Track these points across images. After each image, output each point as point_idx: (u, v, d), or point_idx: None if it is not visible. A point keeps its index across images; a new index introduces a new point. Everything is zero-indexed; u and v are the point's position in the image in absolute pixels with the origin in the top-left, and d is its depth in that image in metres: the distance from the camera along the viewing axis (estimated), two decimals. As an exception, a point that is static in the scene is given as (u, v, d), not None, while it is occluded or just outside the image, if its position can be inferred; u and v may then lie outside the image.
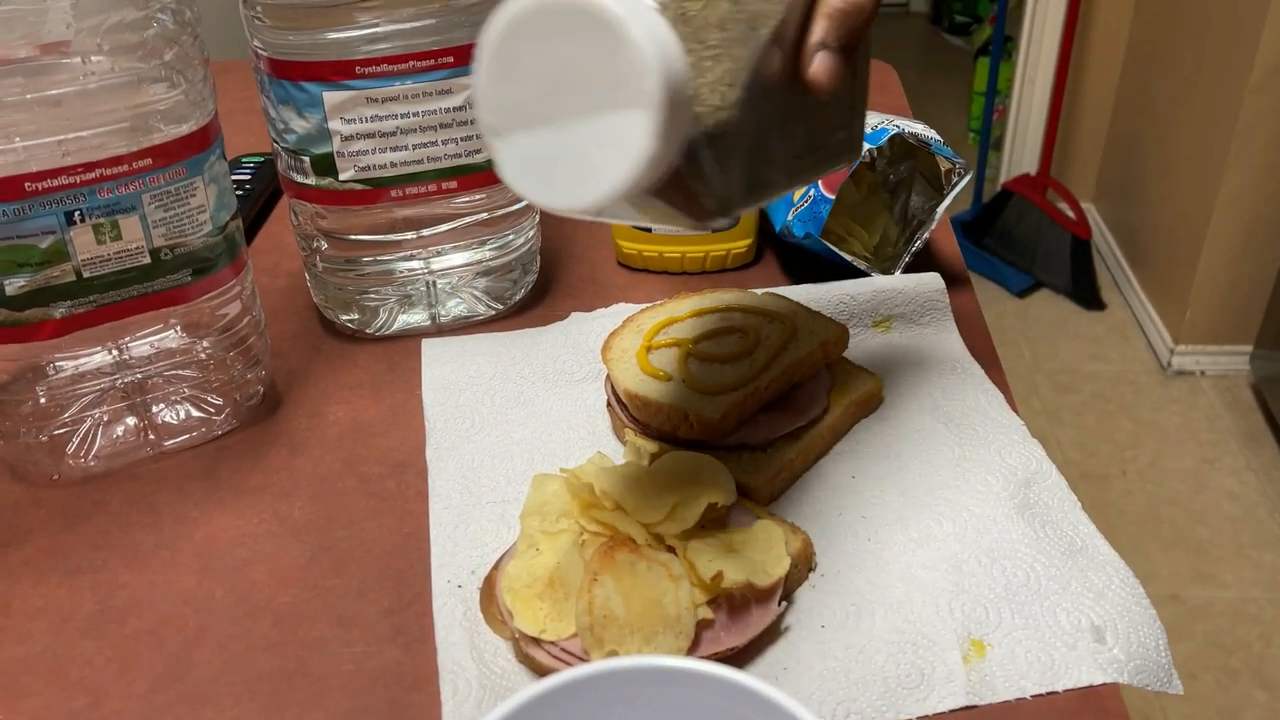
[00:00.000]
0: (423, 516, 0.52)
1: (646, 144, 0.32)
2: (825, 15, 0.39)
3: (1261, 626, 1.54)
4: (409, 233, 0.62)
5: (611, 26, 0.31)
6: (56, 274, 0.50)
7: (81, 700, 0.43)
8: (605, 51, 0.31)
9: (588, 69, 0.32)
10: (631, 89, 0.31)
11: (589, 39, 0.31)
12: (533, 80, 0.33)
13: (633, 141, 0.32)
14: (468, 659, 0.43)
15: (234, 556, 0.50)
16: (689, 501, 0.45)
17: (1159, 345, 2.10)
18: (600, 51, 0.31)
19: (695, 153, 0.35)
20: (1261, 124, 1.82)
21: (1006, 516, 0.49)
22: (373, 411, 0.59)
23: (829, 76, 0.39)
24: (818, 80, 0.39)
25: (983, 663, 0.42)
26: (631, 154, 0.32)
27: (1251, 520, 1.72)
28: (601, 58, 0.32)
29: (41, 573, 0.50)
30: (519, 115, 0.34)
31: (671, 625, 0.41)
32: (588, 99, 0.32)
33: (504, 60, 0.33)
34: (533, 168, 0.34)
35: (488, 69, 0.34)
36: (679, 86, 0.32)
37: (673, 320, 0.57)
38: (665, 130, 0.32)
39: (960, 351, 0.61)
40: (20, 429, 0.53)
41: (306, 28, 0.54)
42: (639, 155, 0.32)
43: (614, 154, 0.32)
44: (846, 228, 0.70)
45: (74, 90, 0.47)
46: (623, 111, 0.32)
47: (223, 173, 0.54)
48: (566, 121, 0.33)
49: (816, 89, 0.39)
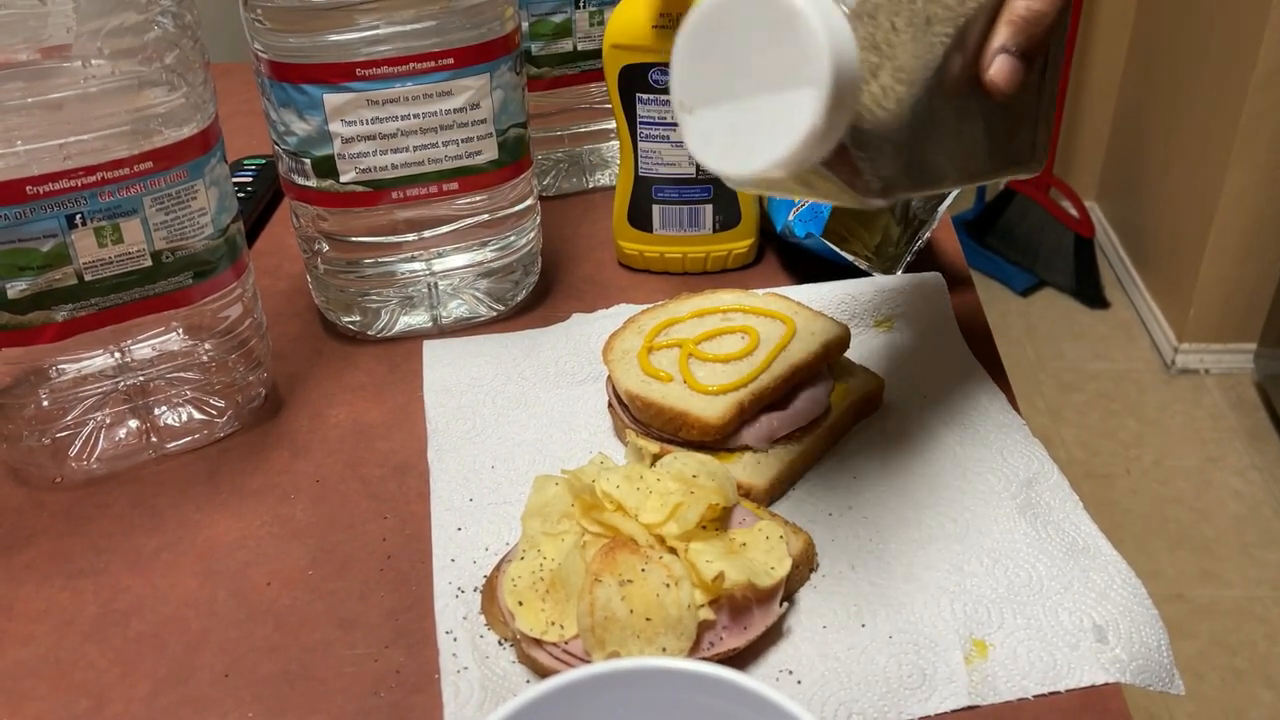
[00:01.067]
0: (424, 518, 0.52)
1: (813, 119, 0.35)
2: (1008, 22, 0.42)
3: (1267, 626, 1.53)
4: (410, 234, 0.62)
5: (792, 13, 0.35)
6: (58, 277, 0.50)
7: (84, 704, 0.43)
8: (785, 36, 0.35)
9: (769, 52, 0.35)
10: (805, 69, 0.35)
11: (772, 25, 0.35)
12: (720, 62, 0.37)
13: (801, 116, 0.35)
14: (470, 660, 0.44)
15: (236, 559, 0.50)
16: (690, 503, 0.45)
17: (1163, 344, 2.09)
18: (780, 36, 0.35)
19: (862, 137, 0.38)
20: (1265, 122, 1.82)
21: (1008, 516, 0.49)
22: (374, 413, 0.59)
23: (1006, 80, 0.42)
24: (996, 83, 0.42)
25: (985, 663, 0.42)
26: (799, 127, 0.35)
27: (1256, 519, 1.72)
28: (781, 41, 0.35)
29: (44, 576, 0.50)
30: (705, 93, 0.37)
31: (673, 626, 0.41)
32: (766, 78, 0.36)
33: (697, 44, 0.37)
34: (713, 139, 0.38)
35: (682, 52, 0.38)
36: (848, 69, 0.35)
37: (674, 321, 0.57)
38: (831, 108, 0.35)
39: (962, 351, 0.61)
40: (22, 432, 0.53)
41: (307, 30, 0.54)
42: (805, 129, 0.35)
43: (783, 127, 0.35)
44: (848, 227, 0.70)
45: (75, 94, 0.47)
46: (795, 89, 0.35)
47: (224, 175, 0.54)
48: (746, 98, 0.36)
49: (994, 91, 0.42)
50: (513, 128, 0.61)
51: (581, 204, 0.80)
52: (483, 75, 0.58)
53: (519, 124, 0.61)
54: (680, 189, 0.68)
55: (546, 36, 0.74)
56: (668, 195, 0.68)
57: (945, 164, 0.44)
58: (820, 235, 0.65)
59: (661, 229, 0.69)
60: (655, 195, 0.68)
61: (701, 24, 0.37)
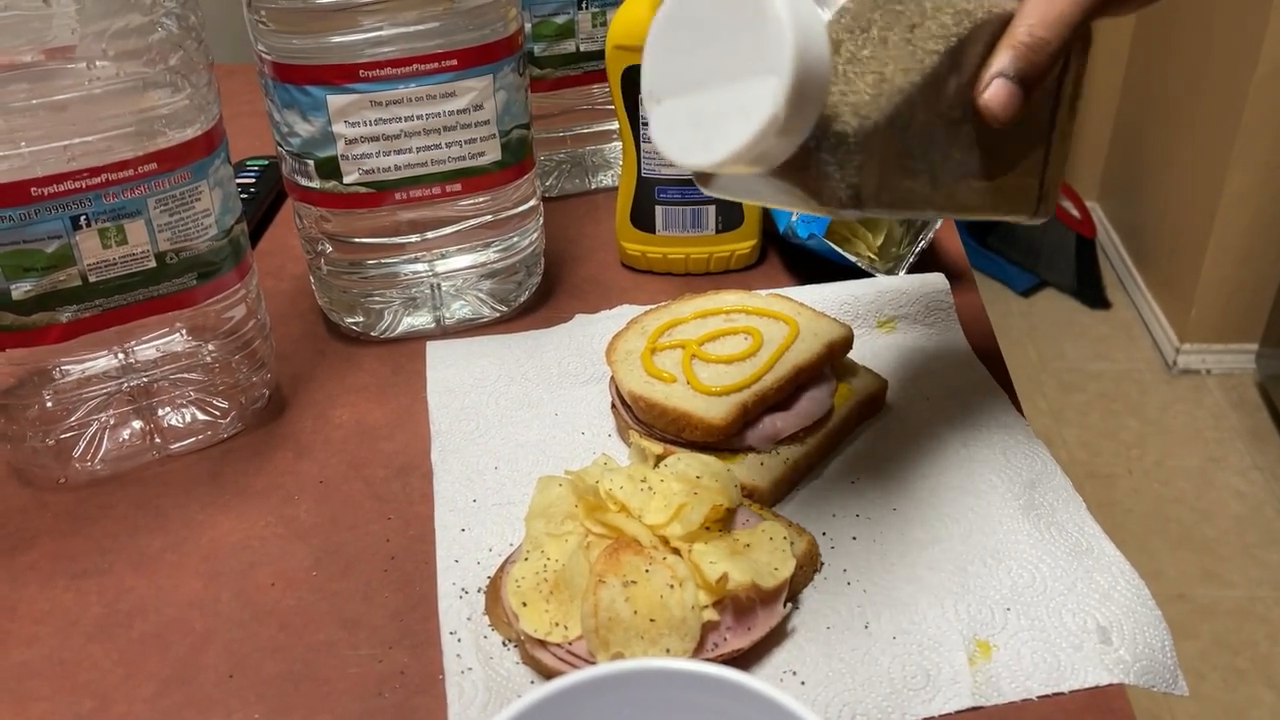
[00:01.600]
0: (428, 519, 0.52)
1: (773, 109, 0.34)
2: (1008, 46, 0.41)
3: (1268, 626, 1.53)
4: (413, 235, 0.62)
5: (759, 3, 0.34)
6: (62, 278, 0.50)
7: (88, 704, 0.44)
8: (751, 25, 0.34)
9: (735, 42, 0.35)
10: (768, 59, 0.34)
11: (740, 15, 0.35)
12: (688, 53, 0.37)
13: (762, 106, 0.34)
14: (474, 661, 0.44)
15: (240, 560, 0.50)
16: (694, 504, 0.45)
17: (1164, 344, 2.09)
18: (747, 25, 0.35)
19: (832, 141, 0.37)
20: (1266, 122, 1.82)
21: (1011, 517, 0.49)
22: (378, 414, 0.59)
23: (1001, 105, 0.41)
24: (990, 107, 0.41)
25: (988, 664, 0.42)
26: (757, 118, 0.34)
27: (1258, 519, 1.71)
28: (747, 30, 0.35)
29: (48, 576, 0.50)
30: (673, 83, 0.37)
31: (677, 627, 0.41)
32: (732, 68, 0.35)
33: (667, 35, 0.37)
34: (675, 129, 0.37)
35: (654, 43, 0.38)
36: (813, 62, 0.35)
37: (677, 322, 0.57)
38: (793, 98, 0.34)
39: (965, 351, 0.61)
40: (27, 433, 0.53)
41: (310, 31, 0.55)
42: (765, 118, 0.34)
43: (744, 117, 0.35)
44: (850, 228, 0.70)
45: (79, 95, 0.47)
46: (758, 79, 0.35)
47: (227, 176, 0.54)
48: (711, 89, 0.36)
49: (989, 116, 0.41)
50: (516, 129, 0.61)
51: (584, 205, 0.80)
52: (486, 76, 0.58)
53: (522, 125, 0.61)
54: (683, 190, 0.68)
55: (549, 38, 0.75)
56: (670, 196, 0.68)
57: (928, 188, 0.42)
58: (823, 236, 0.65)
59: (664, 230, 0.69)
60: (658, 196, 0.68)
61: (672, 15, 0.37)
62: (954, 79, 0.41)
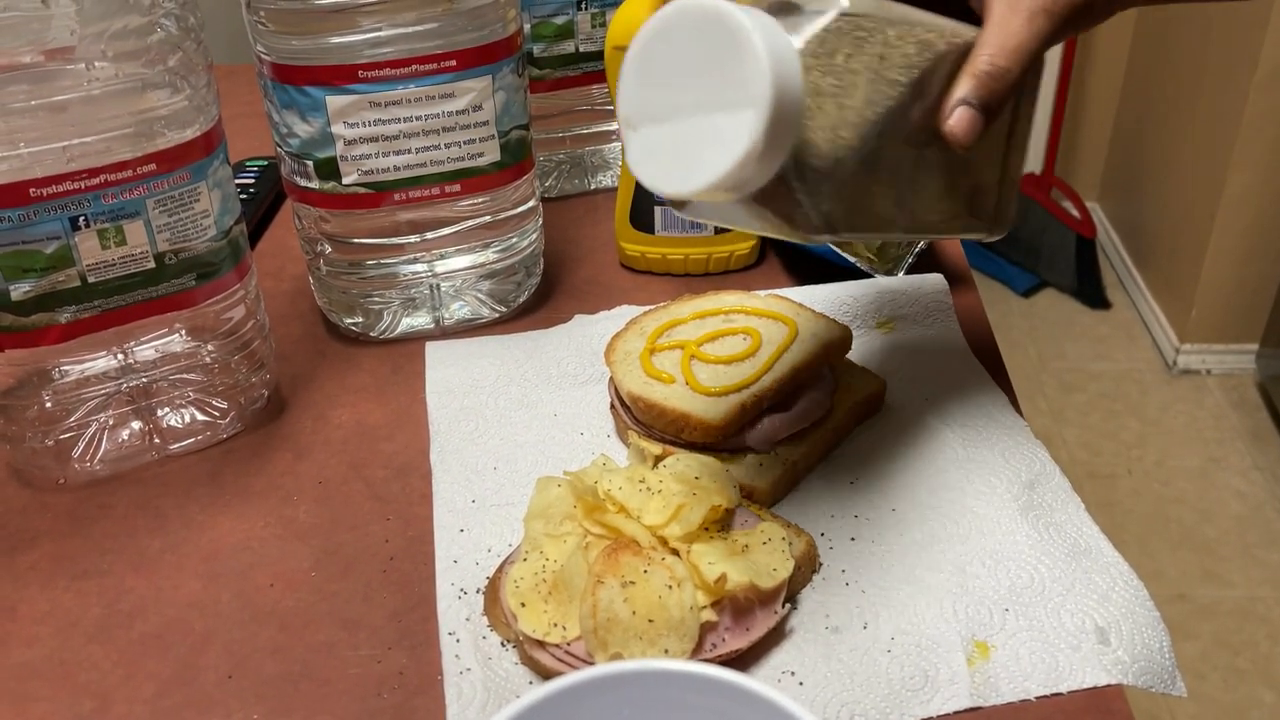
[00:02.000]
0: (427, 520, 0.52)
1: (751, 141, 0.34)
2: (970, 75, 0.42)
3: (1269, 626, 1.53)
4: (412, 236, 0.62)
5: (737, 35, 0.34)
6: (62, 279, 0.50)
7: (88, 705, 0.44)
8: (728, 56, 0.35)
9: (713, 72, 0.35)
10: (746, 90, 0.34)
11: (717, 45, 0.35)
12: (665, 81, 0.37)
13: (740, 137, 0.35)
14: (473, 662, 0.44)
15: (239, 560, 0.50)
16: (693, 504, 0.45)
17: (1164, 344, 2.09)
18: (724, 57, 0.35)
19: (804, 170, 0.38)
20: (1266, 122, 1.82)
21: (1010, 518, 0.49)
22: (377, 415, 0.59)
23: (965, 131, 0.42)
24: (954, 134, 0.42)
25: (987, 664, 0.42)
26: (737, 148, 0.35)
27: (1258, 519, 1.71)
28: (724, 61, 0.35)
29: (48, 577, 0.50)
30: (650, 110, 0.37)
31: (675, 628, 0.41)
32: (709, 98, 0.36)
33: (644, 62, 0.37)
34: (653, 157, 0.38)
35: (630, 68, 0.38)
36: (789, 94, 0.35)
37: (676, 322, 0.57)
38: (770, 130, 0.35)
39: (964, 352, 0.61)
40: (26, 433, 0.53)
41: (309, 32, 0.55)
42: (743, 150, 0.35)
43: (722, 148, 0.35)
44: (850, 229, 0.70)
45: (78, 96, 0.47)
46: (736, 110, 0.35)
47: (226, 177, 0.54)
48: (688, 117, 0.36)
49: (953, 142, 0.42)
50: (515, 129, 0.61)
51: (583, 205, 0.80)
52: (485, 77, 0.58)
53: (521, 126, 0.61)
54: (682, 190, 0.68)
55: (549, 38, 0.75)
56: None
57: (894, 211, 0.43)
58: (822, 237, 0.65)
59: (663, 230, 0.69)
60: (657, 197, 0.68)
61: (649, 41, 0.37)
62: (917, 107, 0.41)
